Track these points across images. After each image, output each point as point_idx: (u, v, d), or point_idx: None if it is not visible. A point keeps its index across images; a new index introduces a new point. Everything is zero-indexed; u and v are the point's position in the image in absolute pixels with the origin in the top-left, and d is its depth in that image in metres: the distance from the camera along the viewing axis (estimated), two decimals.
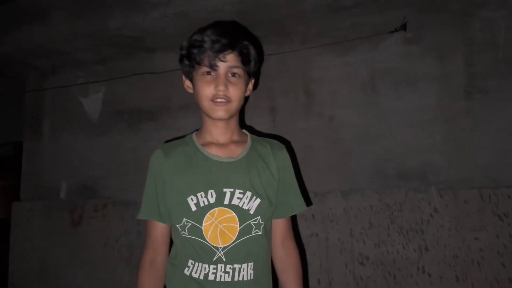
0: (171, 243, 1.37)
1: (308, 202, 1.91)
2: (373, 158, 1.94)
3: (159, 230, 1.34)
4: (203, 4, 1.94)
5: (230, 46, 1.28)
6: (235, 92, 1.30)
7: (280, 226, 1.40)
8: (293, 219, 1.61)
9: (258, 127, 2.11)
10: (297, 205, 1.42)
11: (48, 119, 2.65)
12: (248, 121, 2.12)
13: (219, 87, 1.27)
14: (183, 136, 1.42)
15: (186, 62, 1.34)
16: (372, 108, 1.97)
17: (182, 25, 2.08)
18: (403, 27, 1.93)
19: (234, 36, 1.31)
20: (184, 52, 1.34)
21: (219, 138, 1.36)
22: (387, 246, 1.87)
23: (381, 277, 1.87)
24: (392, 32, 1.94)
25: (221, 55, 1.27)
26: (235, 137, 1.39)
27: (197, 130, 1.42)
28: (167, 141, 1.45)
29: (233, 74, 1.30)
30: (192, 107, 2.27)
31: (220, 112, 1.29)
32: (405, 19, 1.92)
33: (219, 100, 1.28)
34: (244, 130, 1.44)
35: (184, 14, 2.00)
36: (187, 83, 1.39)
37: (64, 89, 2.60)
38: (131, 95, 2.43)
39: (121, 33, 2.18)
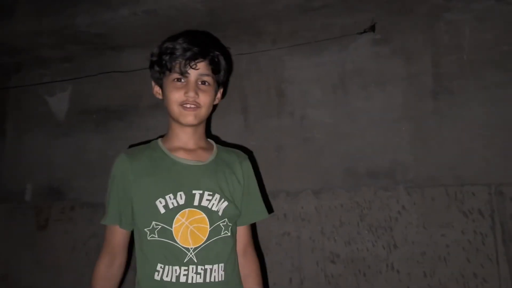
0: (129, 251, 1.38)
1: (269, 210, 1.92)
2: (344, 157, 1.97)
3: (119, 236, 1.33)
4: (173, 2, 1.91)
5: (201, 54, 1.31)
6: (205, 99, 1.32)
7: (242, 234, 1.43)
8: (265, 220, 1.63)
9: (230, 127, 2.10)
10: (260, 213, 1.47)
11: (12, 118, 2.56)
12: (219, 121, 2.10)
13: (189, 93, 1.29)
14: (145, 142, 1.42)
15: (157, 68, 1.35)
16: (343, 107, 1.99)
17: (152, 23, 2.05)
18: (372, 28, 1.96)
19: (206, 45, 1.35)
20: (154, 59, 1.36)
21: (187, 143, 1.37)
22: (357, 243, 1.90)
23: (351, 275, 1.89)
24: (361, 33, 1.98)
25: (192, 63, 1.30)
26: (202, 143, 1.42)
27: (161, 136, 1.43)
28: (131, 145, 1.45)
29: (203, 82, 1.33)
30: (161, 107, 2.22)
31: (189, 117, 1.31)
32: (374, 20, 1.96)
33: (188, 105, 1.30)
34: (209, 139, 1.48)
35: (154, 12, 1.98)
36: (156, 89, 1.40)
37: (28, 88, 2.51)
38: (99, 94, 2.38)
39: (89, 30, 2.13)
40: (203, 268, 1.25)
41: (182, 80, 1.31)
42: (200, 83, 1.33)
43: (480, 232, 1.76)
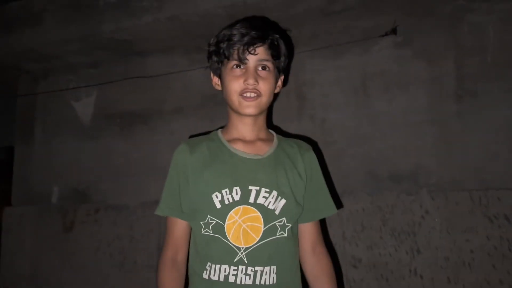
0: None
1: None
2: (365, 161, 1.95)
3: (180, 227, 1.28)
4: (195, 8, 1.95)
5: (260, 39, 1.24)
6: (265, 86, 1.25)
7: (309, 231, 1.33)
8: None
9: None
10: (327, 208, 1.35)
11: (40, 123, 2.64)
12: None
13: (249, 80, 1.22)
14: (207, 133, 1.38)
15: (215, 58, 1.30)
16: (364, 110, 1.98)
17: (174, 28, 2.09)
18: (394, 31, 1.95)
19: (264, 29, 1.27)
20: (212, 48, 1.30)
21: (246, 134, 1.30)
22: (379, 248, 1.88)
23: (373, 280, 1.87)
24: (382, 36, 1.96)
25: (251, 48, 1.23)
26: (262, 134, 1.33)
27: (222, 127, 1.38)
28: (191, 136, 1.39)
29: (263, 68, 1.26)
30: (185, 111, 2.29)
31: (249, 108, 1.24)
32: (395, 23, 1.94)
33: (248, 94, 1.23)
34: (270, 130, 1.39)
35: (176, 18, 2.01)
36: (215, 79, 1.35)
37: (56, 93, 2.59)
38: (123, 99, 2.43)
39: (113, 37, 2.19)
40: (253, 270, 1.18)
41: (241, 67, 1.24)
42: (260, 69, 1.25)
43: (507, 238, 1.72)
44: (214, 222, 1.20)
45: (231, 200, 1.20)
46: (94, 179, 2.45)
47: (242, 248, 1.18)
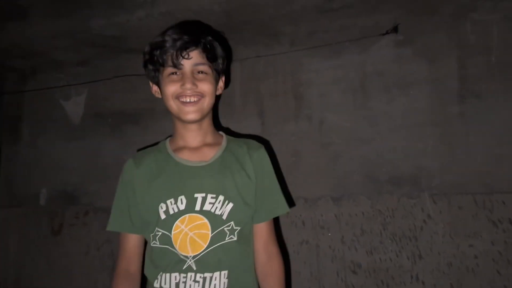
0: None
1: (291, 203, 1.84)
2: (364, 163, 1.89)
3: (131, 241, 1.29)
4: (189, 3, 1.87)
5: (192, 42, 1.23)
6: (205, 87, 1.24)
7: (261, 231, 1.31)
8: (278, 226, 1.53)
9: (246, 131, 2.04)
10: (278, 207, 1.33)
11: (27, 123, 2.55)
12: (236, 125, 2.05)
13: (186, 84, 1.21)
14: (157, 143, 1.36)
15: (150, 66, 1.29)
16: (363, 111, 1.92)
17: (168, 25, 1.98)
18: (394, 29, 1.89)
19: (196, 32, 1.26)
20: (147, 57, 1.30)
21: (191, 141, 1.30)
22: (379, 253, 1.82)
23: (373, 286, 1.81)
24: (383, 34, 1.91)
25: (184, 53, 1.22)
26: (209, 139, 1.32)
27: (171, 136, 1.36)
28: (140, 149, 1.39)
29: (200, 72, 1.24)
30: None
31: (191, 114, 1.23)
32: (396, 21, 1.88)
33: (188, 99, 1.22)
34: (220, 132, 1.38)
35: (170, 14, 1.93)
36: (154, 88, 1.34)
37: (44, 92, 2.50)
38: (114, 97, 2.35)
39: (104, 33, 2.10)
40: (202, 276, 1.18)
41: (177, 73, 1.23)
42: (196, 73, 1.24)
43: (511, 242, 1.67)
44: (160, 233, 1.20)
45: (176, 210, 1.20)
46: (84, 181, 2.37)
47: (190, 256, 1.18)
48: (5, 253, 2.46)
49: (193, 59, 1.23)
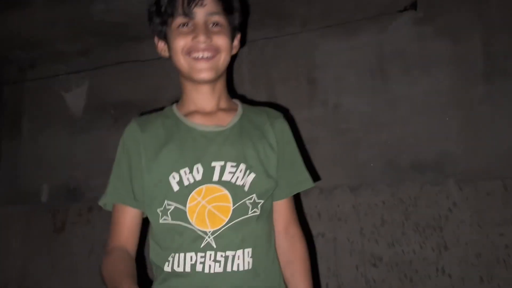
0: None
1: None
2: (384, 149, 1.79)
3: (130, 217, 1.09)
4: None
5: None
6: (221, 40, 1.07)
7: (282, 209, 1.17)
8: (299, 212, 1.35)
9: None
10: (302, 181, 1.18)
11: (28, 116, 2.46)
12: None
13: (199, 37, 1.04)
14: (161, 109, 1.20)
15: (157, 19, 1.11)
16: (382, 94, 1.82)
17: None
18: (413, 6, 1.80)
19: None
20: (152, 8, 1.12)
21: (204, 105, 1.13)
22: (402, 245, 1.71)
23: (396, 280, 1.70)
24: (401, 11, 1.81)
25: None
26: (223, 104, 1.16)
27: (176, 101, 1.20)
28: (143, 113, 1.23)
29: (215, 24, 1.08)
30: None
31: (204, 72, 1.06)
32: None
33: (200, 55, 1.05)
34: (234, 99, 1.22)
35: None
36: (160, 45, 1.16)
37: (44, 84, 2.41)
38: (117, 87, 2.26)
39: (105, 19, 2.01)
40: (223, 255, 1.02)
41: (188, 25, 1.06)
42: (211, 25, 1.07)
43: None
44: (173, 207, 1.04)
45: (191, 180, 1.04)
46: (87, 176, 2.27)
47: (209, 231, 1.02)
48: (7, 252, 2.38)
49: (207, 7, 1.06)
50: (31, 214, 2.35)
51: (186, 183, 1.04)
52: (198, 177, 1.04)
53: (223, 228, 1.02)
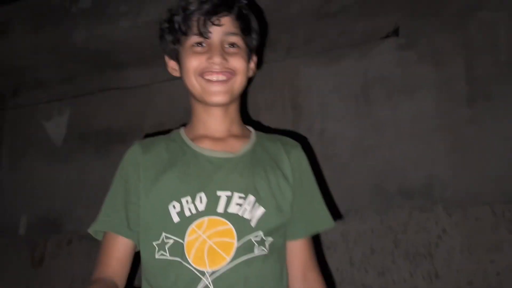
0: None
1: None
2: (371, 175, 1.76)
3: (123, 247, 0.99)
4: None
5: (224, 6, 1.00)
6: (238, 63, 1.00)
7: (298, 251, 1.05)
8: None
9: None
10: (321, 220, 1.08)
11: (7, 145, 2.41)
12: None
13: (214, 58, 0.97)
14: (168, 131, 1.13)
15: (169, 36, 1.06)
16: (367, 119, 1.80)
17: (155, 35, 1.89)
18: (395, 32, 1.80)
19: None
20: (165, 25, 1.07)
21: (215, 129, 1.05)
22: (392, 274, 1.66)
23: None
24: (383, 38, 1.81)
25: (213, 18, 0.99)
26: (235, 129, 1.08)
27: (184, 125, 1.13)
28: (147, 135, 1.17)
29: (231, 45, 1.02)
30: (168, 126, 2.07)
31: (218, 96, 0.99)
32: (397, 23, 1.79)
33: (215, 77, 0.99)
34: (246, 126, 1.14)
35: (157, 23, 1.82)
36: (171, 63, 1.10)
37: (25, 113, 2.38)
38: (99, 115, 2.22)
39: (88, 46, 1.99)
40: None
41: (203, 44, 1.00)
42: (227, 46, 1.01)
43: None
44: (171, 241, 0.94)
45: (193, 211, 0.94)
46: (67, 206, 2.21)
47: (208, 272, 0.91)
48: None
49: (224, 27, 1.00)
50: (8, 247, 2.27)
51: (187, 213, 0.94)
52: (201, 207, 0.95)
53: (224, 268, 0.91)
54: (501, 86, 1.65)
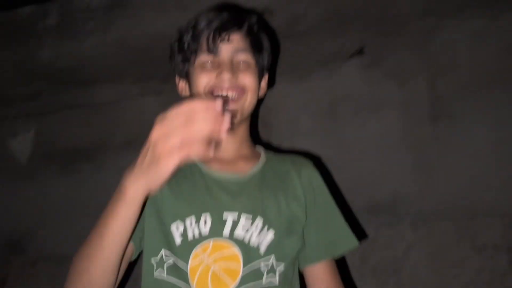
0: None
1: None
2: (338, 191, 1.77)
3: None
4: (145, 28, 1.76)
5: (234, 22, 0.98)
6: (248, 79, 0.97)
7: (320, 276, 0.99)
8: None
9: None
10: (342, 240, 1.01)
11: None
12: None
13: (223, 74, 0.94)
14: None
15: (179, 56, 1.03)
16: (334, 137, 1.83)
17: (123, 52, 1.88)
18: (361, 51, 1.84)
19: (240, 11, 1.03)
20: (175, 45, 1.05)
21: (224, 150, 1.00)
22: None
23: None
24: (350, 57, 1.85)
25: (223, 34, 0.96)
26: (245, 150, 1.05)
27: None
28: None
29: (241, 62, 0.98)
30: (136, 144, 2.03)
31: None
32: (363, 43, 1.83)
33: (225, 95, 0.94)
34: (257, 146, 1.11)
35: (125, 40, 1.81)
36: (181, 84, 1.07)
37: None
38: (66, 133, 2.17)
39: (54, 62, 1.95)
40: None
41: (213, 62, 0.97)
42: (237, 63, 0.98)
43: (498, 270, 1.55)
44: (171, 261, 0.88)
45: (196, 233, 0.89)
46: (31, 227, 2.13)
47: None
48: None
49: (233, 44, 0.97)
50: None
51: (190, 236, 0.89)
52: (205, 230, 0.89)
53: None
54: (463, 105, 1.70)
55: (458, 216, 1.63)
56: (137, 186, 0.73)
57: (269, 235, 0.91)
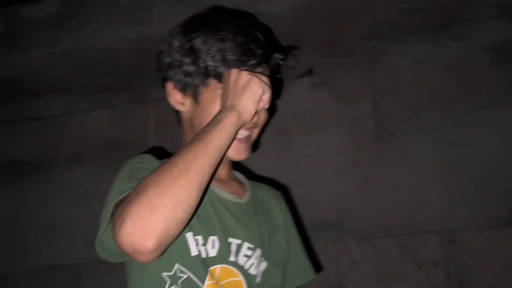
0: None
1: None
2: (288, 209, 1.80)
3: None
4: (96, 41, 1.74)
5: (265, 58, 0.93)
6: (263, 117, 0.94)
7: None
8: None
9: None
10: (304, 271, 1.08)
11: None
12: None
13: None
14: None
15: (189, 68, 0.90)
16: (285, 154, 1.86)
17: (72, 65, 1.85)
18: (310, 72, 1.89)
19: (268, 43, 0.96)
20: (184, 55, 0.91)
21: (220, 171, 0.95)
22: None
23: None
24: (299, 77, 1.89)
25: (255, 70, 0.89)
26: (230, 172, 1.03)
27: None
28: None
29: None
30: (83, 158, 1.99)
31: (242, 154, 0.93)
32: (312, 64, 1.89)
33: (242, 133, 0.89)
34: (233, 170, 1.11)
35: (74, 52, 1.78)
36: (178, 96, 0.95)
37: None
38: (10, 146, 2.08)
39: None
40: None
41: None
42: None
43: (436, 284, 1.63)
44: (185, 276, 0.83)
45: (204, 255, 0.86)
46: None
47: None
48: None
49: None
50: None
51: (203, 254, 0.85)
52: (213, 252, 0.86)
53: None
54: (405, 125, 1.78)
55: (400, 232, 1.70)
56: (232, 115, 0.78)
57: (263, 266, 0.94)
